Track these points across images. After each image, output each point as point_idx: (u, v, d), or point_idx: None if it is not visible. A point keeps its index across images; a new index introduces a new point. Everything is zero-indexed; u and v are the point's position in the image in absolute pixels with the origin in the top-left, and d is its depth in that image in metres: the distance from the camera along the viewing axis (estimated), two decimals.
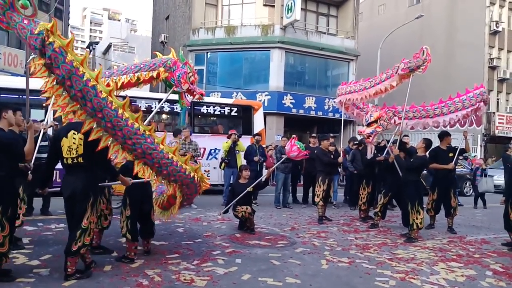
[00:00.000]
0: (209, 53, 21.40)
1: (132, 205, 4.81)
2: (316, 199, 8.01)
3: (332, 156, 8.49)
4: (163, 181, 4.47)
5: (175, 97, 5.74)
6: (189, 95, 5.62)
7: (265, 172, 11.07)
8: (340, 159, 8.69)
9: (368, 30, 29.55)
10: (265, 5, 21.36)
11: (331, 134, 13.66)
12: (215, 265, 4.73)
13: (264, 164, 10.81)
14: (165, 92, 13.06)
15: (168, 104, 11.24)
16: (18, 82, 10.30)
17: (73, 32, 5.86)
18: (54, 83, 3.63)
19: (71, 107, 3.69)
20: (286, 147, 7.45)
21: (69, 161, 4.03)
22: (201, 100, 6.16)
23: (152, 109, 10.22)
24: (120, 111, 3.77)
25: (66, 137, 4.02)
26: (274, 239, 6.29)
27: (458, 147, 7.72)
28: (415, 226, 6.61)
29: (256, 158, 9.94)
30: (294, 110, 20.18)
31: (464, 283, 4.60)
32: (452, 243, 6.66)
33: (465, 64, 26.28)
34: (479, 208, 11.35)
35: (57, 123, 7.14)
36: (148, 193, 5.03)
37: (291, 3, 19.51)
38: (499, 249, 6.40)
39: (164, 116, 12.26)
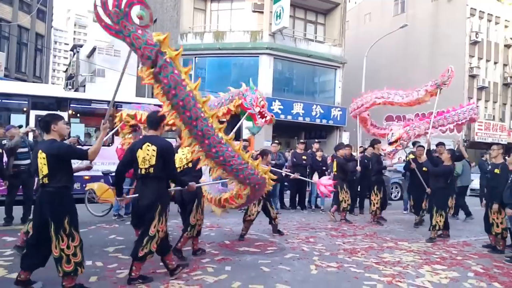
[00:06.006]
0: (197, 58, 21.37)
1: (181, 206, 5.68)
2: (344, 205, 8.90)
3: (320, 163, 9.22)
4: (238, 184, 4.91)
5: None
6: (261, 118, 6.50)
7: None
8: (358, 168, 9.50)
9: (355, 38, 29.95)
10: (254, 11, 21.51)
11: (316, 140, 13.99)
12: (204, 273, 4.73)
13: None
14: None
15: None
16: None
17: (182, 46, 6.41)
18: (159, 90, 3.84)
19: (170, 115, 3.95)
20: (320, 189, 7.00)
21: (143, 171, 4.32)
22: (272, 123, 7.00)
23: None
24: (210, 121, 4.07)
25: (141, 148, 4.32)
26: (264, 245, 6.35)
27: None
28: (437, 227, 7.19)
29: None
30: (282, 116, 20.24)
31: (448, 285, 4.77)
32: (436, 246, 6.88)
33: None
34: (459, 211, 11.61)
35: (34, 129, 7.15)
36: (194, 195, 5.33)
37: (280, 10, 19.68)
38: (479, 251, 6.66)
39: None
